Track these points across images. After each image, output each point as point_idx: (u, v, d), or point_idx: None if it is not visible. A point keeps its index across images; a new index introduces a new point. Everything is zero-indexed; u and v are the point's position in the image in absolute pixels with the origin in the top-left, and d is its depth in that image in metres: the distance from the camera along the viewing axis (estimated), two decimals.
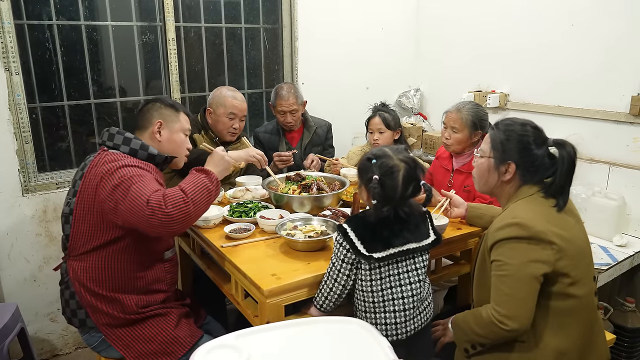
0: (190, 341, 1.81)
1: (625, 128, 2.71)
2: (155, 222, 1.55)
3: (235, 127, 2.59)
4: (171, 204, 1.56)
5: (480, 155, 1.69)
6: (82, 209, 1.71)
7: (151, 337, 1.77)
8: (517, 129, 1.59)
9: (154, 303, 1.82)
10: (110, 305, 1.75)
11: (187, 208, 1.58)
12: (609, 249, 2.61)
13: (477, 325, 1.54)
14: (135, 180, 1.63)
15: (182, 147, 1.94)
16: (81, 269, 1.74)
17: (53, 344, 2.82)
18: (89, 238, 1.72)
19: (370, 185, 1.54)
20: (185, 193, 1.61)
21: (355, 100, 3.51)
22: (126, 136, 1.79)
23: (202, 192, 1.66)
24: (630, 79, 2.65)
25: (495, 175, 1.63)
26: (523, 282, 1.45)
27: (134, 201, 1.57)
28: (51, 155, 2.74)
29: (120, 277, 1.76)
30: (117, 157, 1.72)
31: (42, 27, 2.59)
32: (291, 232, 1.90)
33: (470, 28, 3.49)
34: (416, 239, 1.61)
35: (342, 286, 1.61)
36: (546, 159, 1.56)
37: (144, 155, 1.79)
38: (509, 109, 3.27)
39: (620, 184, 2.74)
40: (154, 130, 1.86)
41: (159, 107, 1.89)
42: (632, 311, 2.63)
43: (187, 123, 1.96)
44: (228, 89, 2.62)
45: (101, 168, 1.68)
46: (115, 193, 1.61)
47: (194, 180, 1.69)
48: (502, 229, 1.51)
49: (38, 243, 2.66)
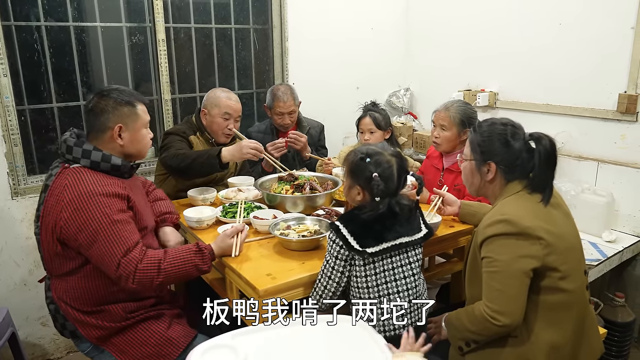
0: (185, 341, 1.80)
1: (613, 125, 2.75)
2: (120, 283, 1.60)
3: (229, 128, 2.57)
4: (138, 280, 1.59)
5: (464, 158, 1.74)
6: (47, 237, 1.64)
7: (144, 340, 1.75)
8: (496, 129, 1.63)
9: (143, 307, 1.79)
10: (99, 317, 1.71)
11: (153, 284, 1.62)
12: (598, 245, 2.64)
13: (470, 322, 1.55)
14: (104, 231, 1.56)
15: (146, 143, 1.81)
16: (63, 289, 1.71)
17: (44, 349, 2.79)
18: (60, 264, 1.68)
19: (372, 183, 1.56)
20: (160, 271, 1.61)
21: (346, 100, 3.52)
22: (84, 148, 1.65)
23: (179, 274, 1.66)
24: (617, 77, 2.69)
25: (478, 176, 1.67)
26: (513, 277, 1.47)
27: (102, 258, 1.58)
28: (41, 158, 2.71)
29: (102, 293, 1.71)
30: (80, 182, 1.59)
31: (30, 28, 2.57)
32: (285, 232, 1.90)
33: (459, 28, 3.52)
34: (408, 233, 1.64)
35: (336, 283, 1.61)
36: (524, 154, 1.58)
37: (107, 167, 1.67)
38: (499, 107, 3.31)
39: (608, 180, 2.78)
40: (114, 136, 1.70)
41: (114, 107, 1.69)
42: (622, 306, 2.67)
43: (145, 114, 1.78)
44: (222, 90, 2.59)
45: (63, 196, 1.58)
46: (80, 237, 1.57)
47: (183, 259, 1.66)
48: (491, 225, 1.53)
49: (28, 247, 2.63)
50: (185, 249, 1.71)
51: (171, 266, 1.63)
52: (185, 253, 1.68)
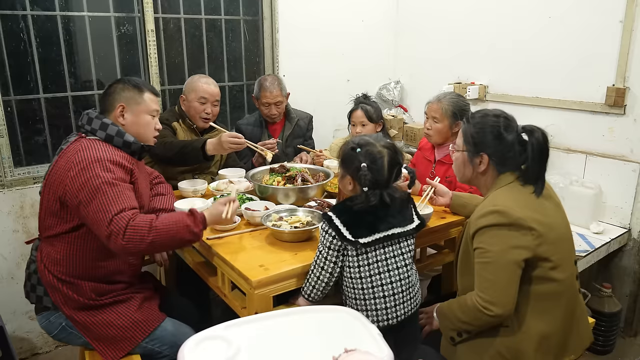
0: (152, 325, 1.79)
1: (601, 118, 2.78)
2: (110, 243, 1.59)
3: (207, 112, 2.57)
4: (128, 237, 1.56)
5: (456, 149, 1.75)
6: (48, 196, 1.70)
7: (110, 322, 1.75)
8: (489, 120, 1.64)
9: (112, 291, 1.79)
10: (69, 288, 1.72)
11: (141, 246, 1.58)
12: (586, 236, 2.67)
13: (462, 312, 1.57)
14: (104, 189, 1.60)
15: (147, 129, 1.87)
16: (46, 251, 1.74)
17: (32, 343, 2.76)
18: (51, 224, 1.72)
19: (360, 173, 1.56)
20: (151, 231, 1.59)
21: (337, 93, 3.52)
22: (104, 121, 1.77)
23: (169, 239, 1.62)
24: (606, 70, 2.71)
25: (470, 167, 1.68)
26: (505, 268, 1.49)
27: (97, 214, 1.58)
28: (27, 150, 2.67)
29: (80, 264, 1.73)
30: (92, 148, 1.68)
31: (16, 17, 2.52)
32: (277, 224, 1.89)
33: (449, 21, 3.52)
34: (400, 223, 1.64)
35: (329, 274, 1.61)
36: (517, 146, 1.59)
37: (119, 142, 1.76)
38: (489, 100, 3.32)
39: (596, 172, 2.81)
40: (117, 115, 1.81)
41: (122, 89, 1.82)
42: (609, 296, 2.71)
43: (153, 103, 1.87)
44: (200, 76, 2.62)
45: (74, 157, 1.66)
46: (81, 194, 1.60)
47: (174, 222, 1.64)
48: (483, 216, 1.54)
49: (15, 240, 2.60)
50: (178, 213, 1.74)
51: (162, 225, 1.62)
52: (178, 215, 1.69)
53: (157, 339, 1.80)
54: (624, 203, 2.73)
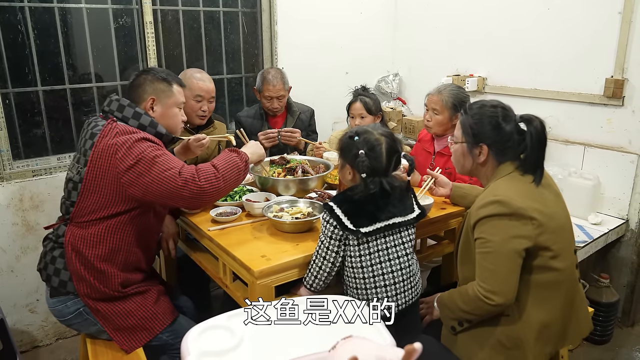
0: (169, 318, 1.85)
1: (600, 110, 2.78)
2: (186, 193, 1.63)
3: (204, 110, 2.52)
4: (204, 178, 1.65)
5: (454, 141, 1.74)
6: (94, 180, 1.68)
7: (131, 312, 1.78)
8: (486, 111, 1.64)
9: (134, 282, 1.83)
10: (96, 277, 1.73)
11: (218, 183, 1.68)
12: (584, 227, 2.69)
13: (463, 302, 1.58)
14: (159, 154, 1.66)
15: (176, 122, 1.93)
16: (80, 235, 1.72)
17: (33, 335, 2.76)
18: (97, 208, 1.71)
19: (357, 160, 1.57)
20: (217, 169, 1.70)
21: (335, 85, 3.51)
22: (137, 110, 1.79)
23: (232, 170, 1.73)
24: (604, 61, 2.71)
25: (470, 158, 1.68)
26: (506, 257, 1.50)
27: (163, 173, 1.62)
28: (26, 142, 2.66)
29: (116, 248, 1.75)
30: (131, 130, 1.71)
31: (14, 8, 2.50)
32: (278, 214, 1.89)
33: (448, 12, 3.52)
34: (401, 213, 1.65)
35: (331, 264, 1.62)
36: (515, 135, 1.60)
37: (152, 132, 1.78)
38: (487, 92, 3.33)
39: (594, 164, 2.83)
40: (147, 107, 1.83)
41: (152, 81, 1.84)
42: (607, 287, 2.73)
43: (181, 96, 1.93)
44: (194, 71, 2.53)
45: (115, 139, 1.66)
46: (138, 167, 1.63)
47: (225, 157, 1.76)
48: (484, 207, 1.55)
49: (15, 233, 2.59)
50: (220, 154, 1.83)
51: (219, 161, 1.73)
52: (222, 154, 1.80)
53: (172, 332, 1.84)
54: (622, 194, 2.74)
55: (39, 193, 2.61)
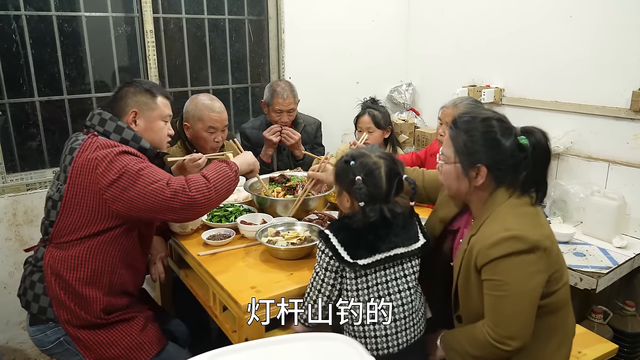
0: (156, 348, 1.73)
1: (626, 124, 2.60)
2: (176, 205, 1.55)
3: (217, 141, 2.40)
4: (195, 188, 1.58)
5: (444, 161, 1.49)
6: (74, 197, 1.59)
7: (114, 341, 1.67)
8: (480, 126, 1.42)
9: (118, 309, 1.72)
10: (77, 302, 1.63)
11: (210, 194, 1.61)
12: (608, 250, 2.50)
13: (472, 347, 1.42)
14: (144, 167, 1.58)
15: (161, 136, 1.82)
16: (60, 257, 1.63)
17: (26, 354, 2.67)
18: (77, 227, 1.61)
19: (354, 187, 1.43)
20: (208, 179, 1.63)
21: (345, 96, 3.38)
22: (119, 124, 1.69)
23: (223, 180, 1.67)
24: (630, 73, 2.54)
25: (465, 182, 1.44)
26: (527, 298, 1.34)
27: (150, 186, 1.55)
28: (21, 155, 2.58)
29: (98, 270, 1.65)
30: (112, 143, 1.63)
31: (9, 17, 2.43)
32: (272, 239, 1.77)
33: (464, 20, 3.36)
34: (404, 242, 1.49)
35: (326, 297, 1.48)
36: (517, 152, 1.39)
37: (135, 146, 1.69)
38: (504, 104, 3.16)
39: (619, 182, 2.64)
40: (129, 120, 1.73)
41: (134, 94, 1.75)
42: (632, 315, 2.54)
43: (166, 108, 1.82)
44: (204, 98, 2.38)
45: (95, 153, 1.58)
46: (121, 181, 1.55)
47: (215, 168, 1.70)
48: (497, 245, 1.34)
49: (8, 248, 2.51)
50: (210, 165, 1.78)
51: (209, 172, 1.67)
52: (211, 165, 1.75)
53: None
54: None
55: (34, 207, 2.53)
